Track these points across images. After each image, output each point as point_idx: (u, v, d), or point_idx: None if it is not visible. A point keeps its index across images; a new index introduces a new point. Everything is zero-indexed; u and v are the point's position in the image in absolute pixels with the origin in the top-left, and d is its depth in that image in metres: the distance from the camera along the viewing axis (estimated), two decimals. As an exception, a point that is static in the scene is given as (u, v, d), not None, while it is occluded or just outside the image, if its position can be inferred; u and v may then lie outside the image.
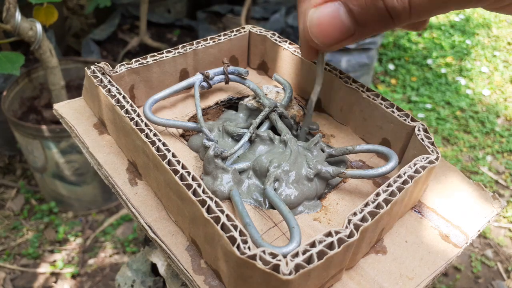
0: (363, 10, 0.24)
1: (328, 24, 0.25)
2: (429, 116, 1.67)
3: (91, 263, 1.16)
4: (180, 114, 0.42)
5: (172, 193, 0.29)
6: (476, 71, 1.93)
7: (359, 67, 1.53)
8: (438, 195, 0.34)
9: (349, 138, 0.40)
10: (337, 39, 0.26)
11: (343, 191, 0.35)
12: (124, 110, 0.33)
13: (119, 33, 1.63)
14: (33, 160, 1.17)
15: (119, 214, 1.28)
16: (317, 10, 0.26)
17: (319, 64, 0.33)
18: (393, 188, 0.28)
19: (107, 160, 0.35)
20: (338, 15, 0.25)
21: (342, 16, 0.25)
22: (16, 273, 1.13)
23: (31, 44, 0.91)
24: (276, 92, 0.43)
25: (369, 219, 0.26)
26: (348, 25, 0.25)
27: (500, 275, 1.19)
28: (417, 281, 0.28)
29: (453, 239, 0.31)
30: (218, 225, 0.25)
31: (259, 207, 0.33)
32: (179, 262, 0.28)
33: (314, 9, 0.26)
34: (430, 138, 0.33)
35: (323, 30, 0.26)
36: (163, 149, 0.30)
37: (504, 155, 1.54)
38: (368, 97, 0.37)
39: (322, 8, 0.25)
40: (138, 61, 0.40)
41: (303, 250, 0.24)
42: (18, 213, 1.27)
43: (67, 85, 1.25)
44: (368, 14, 0.24)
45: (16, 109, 1.21)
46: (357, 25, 0.25)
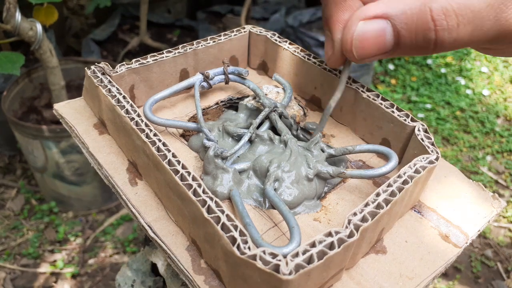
0: (410, 35, 0.25)
1: (372, 40, 0.26)
2: (429, 116, 1.67)
3: (91, 263, 1.16)
4: (180, 114, 0.42)
5: (172, 193, 0.29)
6: (476, 71, 1.93)
7: (359, 67, 1.53)
8: (438, 195, 0.34)
9: (349, 138, 0.40)
10: (373, 54, 0.27)
11: (343, 191, 0.35)
12: (124, 110, 0.33)
13: (119, 33, 1.63)
14: (33, 160, 1.17)
15: (119, 214, 1.28)
16: (366, 24, 0.26)
17: (344, 72, 0.34)
18: (393, 188, 0.28)
19: (107, 160, 0.35)
20: (384, 34, 0.25)
21: (387, 35, 0.25)
22: (16, 273, 1.13)
23: (31, 44, 0.91)
24: (276, 92, 0.43)
25: (369, 219, 0.26)
26: (389, 44, 0.26)
27: (500, 275, 1.19)
28: (417, 281, 0.28)
29: (453, 239, 0.31)
30: (218, 225, 0.25)
31: (259, 207, 0.33)
32: (179, 262, 0.28)
33: (363, 22, 0.26)
34: (430, 138, 0.33)
35: (366, 45, 0.26)
36: (163, 149, 0.30)
37: (504, 155, 1.54)
38: (368, 97, 0.37)
39: (370, 23, 0.26)
40: (138, 61, 0.40)
41: (303, 250, 0.24)
42: (18, 213, 1.27)
43: (67, 85, 1.25)
44: (413, 39, 0.25)
45: (16, 109, 1.21)
46: (397, 46, 0.26)
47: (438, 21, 0.24)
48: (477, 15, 0.24)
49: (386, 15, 0.25)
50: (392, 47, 0.26)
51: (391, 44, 0.26)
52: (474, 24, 0.24)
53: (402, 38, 0.25)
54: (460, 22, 0.24)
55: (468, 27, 0.24)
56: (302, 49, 0.43)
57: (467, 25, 0.24)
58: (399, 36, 0.25)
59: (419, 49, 0.25)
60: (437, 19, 0.24)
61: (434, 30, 0.24)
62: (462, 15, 0.24)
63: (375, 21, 0.25)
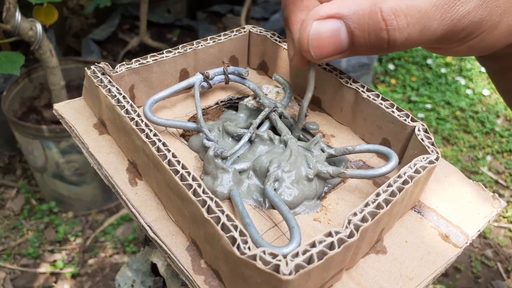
0: (363, 34, 0.25)
1: (327, 39, 0.26)
2: (429, 116, 1.67)
3: (91, 263, 1.16)
4: (180, 114, 0.42)
5: (172, 193, 0.29)
6: (476, 71, 1.93)
7: (359, 67, 1.53)
8: (438, 195, 0.34)
9: (349, 138, 0.40)
10: (330, 54, 0.27)
11: (343, 191, 0.35)
12: (124, 110, 0.33)
13: (119, 33, 1.63)
14: (33, 160, 1.17)
15: (119, 214, 1.28)
16: (320, 24, 0.26)
17: (310, 71, 0.34)
18: (393, 188, 0.28)
19: (107, 160, 0.35)
20: (338, 34, 0.26)
21: (342, 35, 0.26)
22: (16, 273, 1.13)
23: (31, 44, 0.91)
24: (276, 92, 0.43)
25: (369, 219, 0.26)
26: (344, 44, 0.26)
27: (500, 275, 1.19)
28: (417, 281, 0.28)
29: (453, 239, 0.31)
30: (218, 225, 0.25)
31: (259, 207, 0.33)
32: (179, 262, 0.28)
33: (317, 22, 0.26)
34: (430, 138, 0.33)
35: (321, 45, 0.27)
36: (163, 149, 0.30)
37: (504, 155, 1.54)
38: (368, 97, 0.37)
39: (324, 23, 0.26)
40: (138, 61, 0.40)
41: (303, 250, 0.24)
42: (18, 213, 1.27)
43: (67, 85, 1.25)
44: (367, 39, 0.25)
45: (16, 109, 1.21)
46: (352, 45, 0.26)
47: (388, 21, 0.24)
48: (424, 15, 0.24)
49: (339, 15, 0.26)
50: (348, 47, 0.26)
51: (346, 43, 0.26)
52: (422, 23, 0.24)
53: (356, 37, 0.26)
54: (409, 22, 0.24)
55: (417, 26, 0.24)
56: (302, 49, 0.43)
57: (416, 24, 0.24)
58: (353, 35, 0.26)
59: (374, 49, 0.26)
60: (387, 19, 0.24)
61: (385, 30, 0.25)
62: (410, 15, 0.24)
63: (329, 21, 0.26)
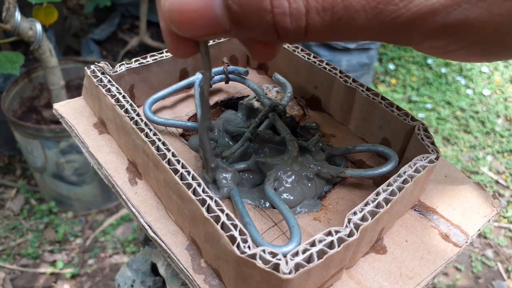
0: (244, 13, 0.18)
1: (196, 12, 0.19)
2: (429, 116, 1.67)
3: (91, 263, 1.16)
4: (180, 114, 0.42)
5: (172, 193, 0.29)
6: (476, 71, 1.93)
7: (359, 67, 1.53)
8: (438, 195, 0.34)
9: (349, 138, 0.40)
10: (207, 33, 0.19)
11: (343, 191, 0.35)
12: (124, 109, 0.33)
13: (119, 33, 1.63)
14: (33, 160, 1.16)
15: (119, 214, 1.28)
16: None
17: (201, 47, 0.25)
18: (393, 188, 0.28)
19: (107, 159, 0.35)
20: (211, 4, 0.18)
21: (216, 8, 0.18)
22: (16, 273, 1.13)
23: (31, 44, 0.91)
24: (276, 92, 0.43)
25: (369, 218, 0.26)
26: (223, 22, 0.19)
27: (500, 275, 1.19)
28: (417, 280, 0.28)
29: (453, 239, 0.31)
30: (218, 224, 0.25)
31: (259, 206, 0.33)
32: (179, 262, 0.28)
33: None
34: (430, 138, 0.33)
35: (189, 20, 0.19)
36: (163, 148, 0.30)
37: (504, 155, 1.54)
38: (368, 96, 0.37)
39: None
40: (138, 61, 0.40)
41: (303, 249, 0.24)
42: (18, 213, 1.27)
43: (67, 85, 1.25)
44: (249, 21, 0.18)
45: (16, 109, 1.21)
46: (234, 25, 0.19)
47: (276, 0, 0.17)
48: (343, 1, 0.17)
49: None
50: (229, 26, 0.19)
51: (224, 21, 0.19)
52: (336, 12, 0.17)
53: (235, 15, 0.18)
54: (311, 6, 0.17)
55: (326, 15, 0.17)
56: (302, 49, 0.43)
57: (323, 12, 0.17)
58: (231, 12, 0.18)
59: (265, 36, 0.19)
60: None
61: (271, 12, 0.17)
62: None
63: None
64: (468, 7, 0.17)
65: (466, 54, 0.19)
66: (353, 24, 0.17)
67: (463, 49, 0.19)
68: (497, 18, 0.17)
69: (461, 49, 0.19)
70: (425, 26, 0.17)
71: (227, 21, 0.19)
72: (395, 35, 0.18)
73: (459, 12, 0.17)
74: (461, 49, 0.19)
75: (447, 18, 0.17)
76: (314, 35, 0.18)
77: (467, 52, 0.19)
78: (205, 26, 0.19)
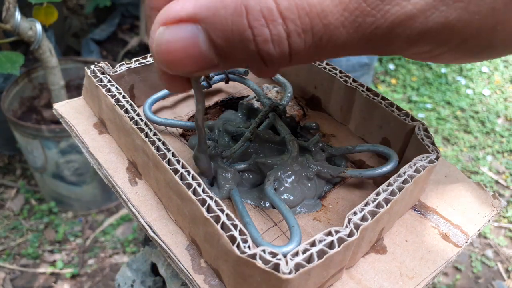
0: (228, 46, 0.18)
1: (182, 51, 0.18)
2: (429, 116, 1.67)
3: (91, 263, 1.16)
4: (180, 114, 0.42)
5: (172, 193, 0.29)
6: (476, 71, 1.93)
7: (359, 67, 1.53)
8: (438, 195, 0.34)
9: (349, 138, 0.40)
10: (196, 69, 0.19)
11: (343, 191, 0.35)
12: (124, 109, 0.33)
13: (119, 33, 1.63)
14: (33, 160, 1.16)
15: (119, 214, 1.28)
16: (168, 31, 0.18)
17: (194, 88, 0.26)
18: (393, 188, 0.28)
19: (107, 159, 0.35)
20: (196, 43, 0.18)
21: (201, 44, 0.18)
22: (16, 273, 1.13)
23: (31, 44, 0.91)
24: (276, 92, 0.43)
25: (369, 218, 0.26)
26: (210, 56, 0.19)
27: (500, 275, 1.19)
28: (417, 280, 0.28)
29: (453, 239, 0.31)
30: (218, 224, 0.25)
31: (259, 206, 0.33)
32: (179, 262, 0.28)
33: (164, 28, 0.19)
34: (430, 138, 0.33)
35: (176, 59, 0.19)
36: (163, 148, 0.30)
37: (504, 155, 1.54)
38: (368, 96, 0.37)
39: (174, 29, 0.18)
40: (138, 61, 0.40)
41: (303, 249, 0.24)
42: (18, 213, 1.27)
43: (67, 85, 1.25)
44: (235, 52, 0.18)
45: (16, 109, 1.21)
46: (221, 58, 0.19)
47: (256, 28, 0.17)
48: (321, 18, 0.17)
49: (194, 17, 0.18)
50: (217, 60, 0.19)
51: (211, 56, 0.18)
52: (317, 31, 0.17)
53: (220, 49, 0.18)
54: (291, 30, 0.17)
55: (307, 36, 0.17)
56: (302, 49, 0.43)
57: (304, 33, 0.17)
58: (215, 46, 0.18)
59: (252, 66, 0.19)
60: (254, 25, 0.17)
61: (253, 42, 0.17)
62: (292, 19, 0.17)
63: (181, 26, 0.18)
64: (445, 9, 0.17)
65: (454, 56, 0.19)
66: (336, 41, 0.17)
67: (450, 51, 0.19)
68: (476, 17, 0.17)
69: (448, 51, 0.19)
70: (406, 33, 0.17)
71: (214, 55, 0.19)
72: (379, 46, 0.18)
73: (438, 15, 0.17)
74: (448, 52, 0.19)
75: (426, 23, 0.17)
76: (300, 58, 0.18)
77: (454, 54, 0.19)
78: (192, 63, 0.19)
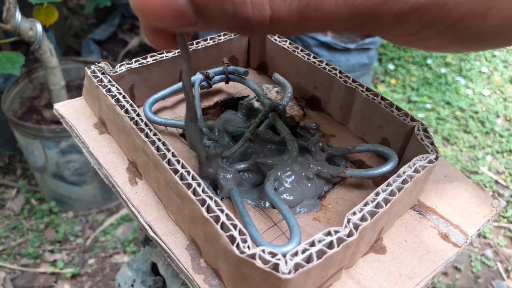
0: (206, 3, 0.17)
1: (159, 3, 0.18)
2: (429, 116, 1.67)
3: (91, 263, 1.16)
4: (180, 114, 0.42)
5: (172, 193, 0.29)
6: (476, 71, 1.93)
7: (359, 67, 1.53)
8: (437, 195, 0.34)
9: (349, 138, 0.40)
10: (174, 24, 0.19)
11: (343, 191, 0.35)
12: (124, 109, 0.33)
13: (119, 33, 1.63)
14: (33, 160, 1.17)
15: (119, 214, 1.28)
16: None
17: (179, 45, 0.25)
18: (392, 188, 0.28)
19: (107, 159, 0.35)
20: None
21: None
22: (16, 273, 1.13)
23: (31, 44, 0.91)
24: (276, 92, 0.43)
25: (368, 218, 0.26)
26: (188, 13, 0.18)
27: (500, 275, 1.19)
28: (417, 280, 0.28)
29: (453, 239, 0.31)
30: (217, 224, 0.25)
31: (259, 206, 0.33)
32: (179, 261, 0.28)
33: None
34: (430, 138, 0.33)
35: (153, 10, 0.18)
36: (163, 148, 0.30)
37: (504, 155, 1.54)
38: (368, 96, 0.37)
39: None
40: (138, 61, 0.40)
41: (302, 249, 0.24)
42: (18, 213, 1.27)
43: (67, 85, 1.25)
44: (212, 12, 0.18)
45: (16, 109, 1.21)
46: (198, 16, 0.18)
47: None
48: None
49: None
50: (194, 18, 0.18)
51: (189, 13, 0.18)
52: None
53: (198, 6, 0.17)
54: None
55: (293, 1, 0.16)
56: (302, 49, 0.43)
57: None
58: (194, 3, 0.18)
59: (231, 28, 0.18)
60: None
61: (231, 2, 0.17)
62: None
63: None
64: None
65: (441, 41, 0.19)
66: (323, 10, 0.16)
67: (437, 35, 0.18)
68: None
69: (435, 35, 0.18)
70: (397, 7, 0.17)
71: (192, 12, 0.18)
72: (368, 21, 0.17)
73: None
74: (435, 36, 0.18)
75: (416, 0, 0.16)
76: (281, 26, 0.17)
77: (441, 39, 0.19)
78: (170, 17, 0.18)
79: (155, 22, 0.19)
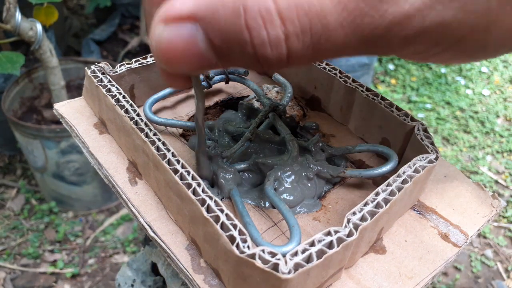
0: (226, 46, 0.18)
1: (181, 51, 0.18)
2: (429, 116, 1.67)
3: (91, 262, 1.16)
4: (180, 114, 0.42)
5: (172, 193, 0.29)
6: (476, 71, 1.93)
7: (359, 67, 1.53)
8: (437, 195, 0.34)
9: (349, 138, 0.40)
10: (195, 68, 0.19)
11: (343, 191, 0.35)
12: (124, 109, 0.33)
13: (119, 33, 1.63)
14: (33, 160, 1.17)
15: (119, 214, 1.28)
16: (168, 29, 0.18)
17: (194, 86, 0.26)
18: (392, 188, 0.28)
19: (107, 159, 0.35)
20: (195, 41, 0.18)
21: (200, 43, 0.18)
22: (16, 273, 1.13)
23: (31, 44, 0.91)
24: (276, 92, 0.43)
25: (368, 218, 0.26)
26: (209, 56, 0.18)
27: (500, 275, 1.19)
28: (417, 280, 0.28)
29: (453, 239, 0.31)
30: (217, 224, 0.25)
31: (259, 206, 0.33)
32: (178, 261, 0.28)
33: (163, 26, 0.18)
34: (430, 138, 0.33)
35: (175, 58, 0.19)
36: (163, 148, 0.30)
37: (504, 155, 1.54)
38: (368, 96, 0.37)
39: (173, 27, 0.18)
40: (138, 61, 0.40)
41: (302, 249, 0.24)
42: (18, 213, 1.27)
43: (67, 85, 1.25)
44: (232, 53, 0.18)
45: (16, 109, 1.21)
46: (219, 58, 0.18)
47: (254, 30, 0.17)
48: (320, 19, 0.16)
49: (193, 16, 0.18)
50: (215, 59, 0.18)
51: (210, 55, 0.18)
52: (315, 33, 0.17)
53: (218, 49, 0.18)
54: (289, 32, 0.17)
55: (305, 37, 0.17)
56: (301, 49, 0.43)
57: (302, 34, 0.17)
58: (214, 46, 0.18)
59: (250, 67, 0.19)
60: (252, 26, 0.17)
61: (250, 44, 0.17)
62: (291, 20, 0.16)
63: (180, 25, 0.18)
64: (442, 8, 0.17)
65: (448, 56, 0.19)
66: (334, 42, 0.17)
67: (445, 51, 0.19)
68: (471, 17, 0.17)
69: (442, 51, 0.19)
70: (403, 33, 0.17)
71: (213, 55, 0.18)
72: (376, 46, 0.18)
73: (434, 14, 0.17)
74: (443, 52, 0.19)
75: (423, 22, 0.17)
76: (297, 59, 0.18)
77: (449, 54, 0.19)
78: (191, 62, 0.19)
79: (177, 69, 0.19)
